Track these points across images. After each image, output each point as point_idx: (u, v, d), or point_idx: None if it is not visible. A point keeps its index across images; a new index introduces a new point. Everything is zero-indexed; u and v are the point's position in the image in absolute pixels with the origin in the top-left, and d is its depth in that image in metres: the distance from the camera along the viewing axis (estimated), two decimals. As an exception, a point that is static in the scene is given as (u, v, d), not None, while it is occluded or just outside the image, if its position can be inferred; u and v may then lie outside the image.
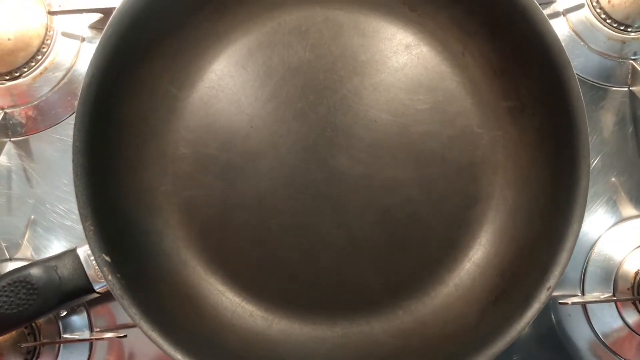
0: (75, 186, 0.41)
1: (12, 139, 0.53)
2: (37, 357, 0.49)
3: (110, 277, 0.40)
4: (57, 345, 0.50)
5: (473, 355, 0.41)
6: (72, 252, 0.44)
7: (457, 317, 0.46)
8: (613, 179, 0.54)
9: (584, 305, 0.52)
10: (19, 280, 0.42)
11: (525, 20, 0.43)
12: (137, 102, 0.46)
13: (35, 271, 0.42)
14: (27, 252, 0.52)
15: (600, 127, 0.54)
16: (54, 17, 0.53)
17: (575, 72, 0.52)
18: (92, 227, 0.41)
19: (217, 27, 0.48)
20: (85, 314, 0.51)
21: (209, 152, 0.48)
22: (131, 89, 0.45)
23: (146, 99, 0.46)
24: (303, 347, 0.47)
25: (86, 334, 0.50)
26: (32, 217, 0.53)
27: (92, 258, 0.42)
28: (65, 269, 0.42)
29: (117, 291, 0.40)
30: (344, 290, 0.48)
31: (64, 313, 0.50)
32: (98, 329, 0.51)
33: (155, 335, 0.40)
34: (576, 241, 0.42)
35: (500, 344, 0.40)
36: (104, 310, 0.51)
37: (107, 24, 0.42)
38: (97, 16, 0.52)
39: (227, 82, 0.48)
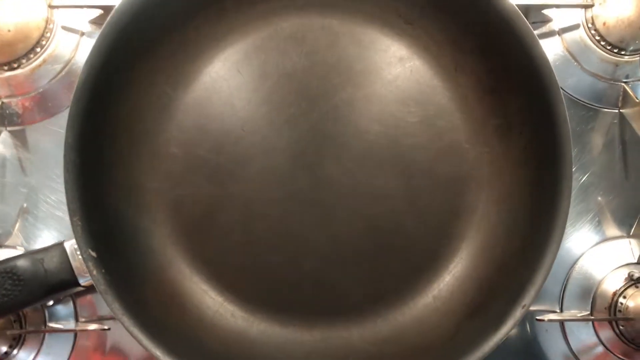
0: (65, 182, 0.42)
1: (8, 129, 0.53)
2: (22, 343, 0.50)
3: (95, 272, 0.41)
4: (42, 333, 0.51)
5: (445, 368, 0.42)
6: (59, 246, 0.45)
7: (434, 328, 0.47)
8: (599, 198, 0.55)
9: (561, 322, 0.53)
10: (5, 271, 0.42)
11: (517, 42, 0.43)
12: (131, 101, 0.46)
13: (21, 263, 0.43)
14: (17, 240, 0.53)
15: (590, 147, 0.55)
16: (55, 10, 0.53)
17: (567, 91, 0.54)
18: (79, 222, 0.41)
19: (215, 30, 0.49)
20: (71, 303, 0.52)
21: (200, 153, 0.49)
22: (126, 87, 0.46)
23: (140, 98, 0.47)
24: (282, 349, 0.47)
25: (71, 324, 0.51)
26: (25, 205, 0.53)
27: (78, 252, 0.43)
28: (51, 262, 0.43)
29: (101, 286, 0.41)
30: (325, 295, 0.49)
31: (51, 302, 0.50)
32: (83, 319, 0.52)
33: (136, 331, 0.41)
34: (554, 261, 0.43)
35: (473, 358, 0.41)
36: (91, 301, 0.52)
37: (105, 23, 0.42)
38: (98, 12, 0.52)
39: (221, 85, 0.49)
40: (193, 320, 0.47)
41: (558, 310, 0.53)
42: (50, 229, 0.53)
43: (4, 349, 0.49)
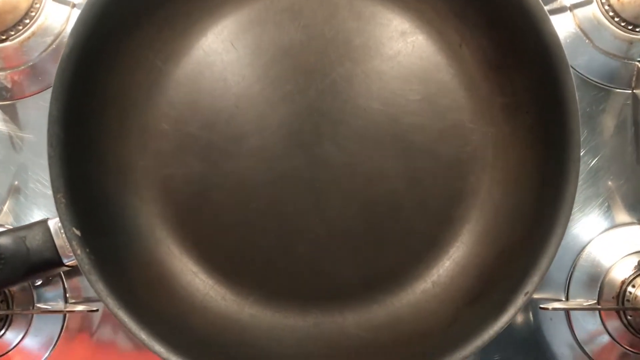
0: (49, 157, 0.40)
1: (-3, 103, 0.52)
2: (10, 324, 0.49)
3: (79, 251, 0.40)
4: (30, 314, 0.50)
5: (442, 356, 0.40)
6: (42, 224, 0.43)
7: (431, 315, 0.46)
8: (609, 183, 0.53)
9: (566, 310, 0.51)
10: (-15, 249, 0.41)
11: (525, 15, 0.41)
12: (119, 74, 0.45)
13: (3, 240, 0.42)
14: (7, 218, 0.51)
15: (601, 129, 0.53)
16: (44, -20, 0.51)
17: (577, 70, 0.52)
18: (63, 200, 0.40)
19: (208, 1, 0.47)
20: (60, 284, 0.51)
21: (191, 130, 0.47)
22: (114, 60, 0.44)
23: (130, 71, 0.45)
24: (273, 334, 0.46)
25: (60, 305, 0.50)
26: (15, 183, 0.52)
27: (62, 231, 0.41)
28: (34, 240, 0.42)
29: (85, 266, 0.40)
30: (319, 280, 0.47)
31: (39, 282, 0.49)
32: (73, 300, 0.51)
33: (121, 313, 0.40)
34: (559, 247, 0.41)
35: (471, 347, 0.40)
36: (80, 282, 0.51)
37: (92, -8, 0.41)
38: (89, -18, 0.50)
39: (214, 59, 0.47)
40: (182, 303, 0.45)
41: (563, 299, 0.52)
42: (40, 208, 0.52)
43: (-9, 329, 0.48)
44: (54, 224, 0.44)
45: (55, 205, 0.40)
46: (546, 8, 0.41)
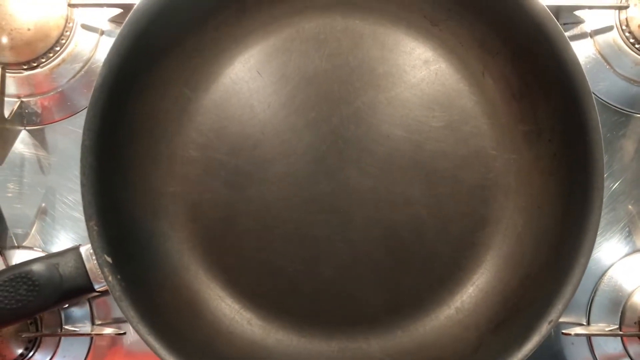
0: (82, 185, 0.41)
1: (27, 128, 0.53)
2: (38, 346, 0.50)
3: (110, 278, 0.41)
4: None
5: (467, 384, 0.40)
6: (74, 250, 0.44)
7: (455, 341, 0.46)
8: (630, 207, 0.53)
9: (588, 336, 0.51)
10: (20, 276, 0.42)
11: (548, 45, 0.42)
12: (149, 103, 0.46)
13: (36, 267, 0.42)
14: (35, 241, 0.53)
15: (622, 154, 0.53)
16: (74, 9, 0.52)
17: (598, 96, 0.52)
18: (96, 227, 0.41)
19: (235, 30, 0.48)
20: (87, 305, 0.51)
21: (219, 156, 0.48)
22: (144, 89, 0.45)
23: (159, 99, 0.46)
24: (299, 359, 0.46)
25: (87, 327, 0.51)
26: (43, 205, 0.53)
27: (94, 257, 0.42)
28: (66, 267, 0.43)
29: (116, 293, 0.41)
30: (344, 305, 0.48)
31: (66, 305, 0.50)
32: (100, 322, 0.52)
33: (151, 339, 0.40)
34: (583, 275, 0.41)
35: (495, 375, 0.40)
36: (107, 304, 0.52)
37: (124, 23, 0.42)
38: (117, 10, 0.51)
39: (241, 87, 0.48)
40: (209, 328, 0.46)
41: (585, 323, 0.52)
42: (67, 231, 0.53)
43: (20, 351, 0.49)
44: (85, 250, 0.44)
45: (88, 233, 0.41)
46: (567, 34, 0.42)
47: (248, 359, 0.46)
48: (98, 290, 0.44)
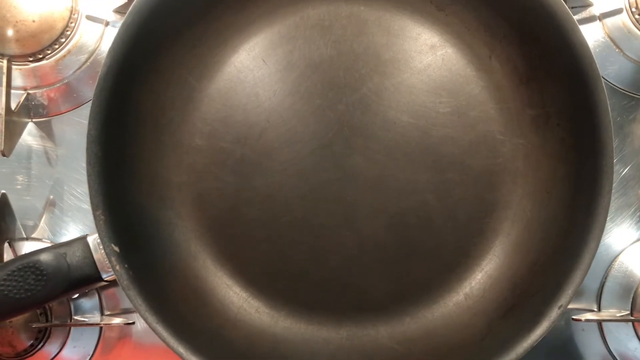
0: (88, 175, 0.41)
1: (34, 120, 0.53)
2: (48, 336, 0.50)
3: (118, 267, 0.41)
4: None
5: (476, 370, 0.40)
6: (82, 240, 0.44)
7: (464, 328, 0.45)
8: (640, 192, 0.52)
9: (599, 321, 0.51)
10: (28, 266, 0.42)
11: (555, 27, 0.41)
12: (154, 92, 0.46)
13: (44, 257, 0.43)
14: (43, 232, 0.53)
15: (632, 138, 0.52)
16: (79, 0, 0.52)
17: (607, 80, 0.52)
18: (102, 217, 0.41)
19: (239, 18, 0.47)
20: (96, 296, 0.52)
21: (225, 145, 0.48)
22: (149, 78, 0.45)
23: (164, 88, 0.46)
24: (307, 346, 0.46)
25: (96, 317, 0.51)
26: (51, 197, 0.53)
27: (101, 247, 0.42)
28: (74, 257, 0.43)
29: (124, 282, 0.41)
30: (352, 292, 0.48)
31: (76, 295, 0.50)
32: (109, 312, 0.52)
33: (159, 328, 0.40)
34: (592, 260, 0.41)
35: (505, 360, 0.40)
36: (116, 294, 0.52)
37: (127, 13, 0.42)
38: (122, 1, 0.51)
39: (246, 75, 0.48)
40: (217, 317, 0.46)
41: (595, 309, 0.51)
42: (76, 222, 0.53)
43: (30, 341, 0.49)
44: (93, 239, 0.44)
45: (95, 222, 0.41)
46: (575, 17, 0.41)
47: (256, 347, 0.46)
48: (106, 279, 0.44)
